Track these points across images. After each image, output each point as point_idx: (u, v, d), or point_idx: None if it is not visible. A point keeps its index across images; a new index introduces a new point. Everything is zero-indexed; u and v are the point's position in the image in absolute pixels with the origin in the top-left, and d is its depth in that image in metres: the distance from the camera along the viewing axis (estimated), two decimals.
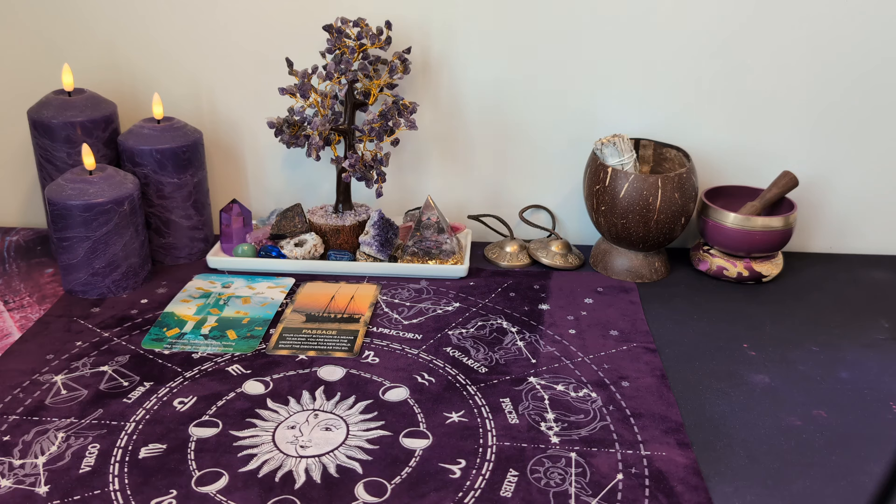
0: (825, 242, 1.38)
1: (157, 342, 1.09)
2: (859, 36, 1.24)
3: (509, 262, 1.31)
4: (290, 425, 0.93)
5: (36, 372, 1.02)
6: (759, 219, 1.22)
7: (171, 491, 0.83)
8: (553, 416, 0.95)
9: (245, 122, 1.37)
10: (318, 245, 1.27)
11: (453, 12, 1.28)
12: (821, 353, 1.09)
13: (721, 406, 0.98)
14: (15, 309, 1.18)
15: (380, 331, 1.13)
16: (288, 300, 1.20)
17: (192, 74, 1.35)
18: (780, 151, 1.32)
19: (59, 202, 1.14)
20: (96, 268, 1.17)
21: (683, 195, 1.21)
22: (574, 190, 1.38)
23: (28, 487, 0.84)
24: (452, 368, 1.04)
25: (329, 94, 1.25)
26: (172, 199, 1.26)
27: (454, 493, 0.83)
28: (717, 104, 1.30)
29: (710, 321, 1.17)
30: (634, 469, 0.87)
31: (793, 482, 0.86)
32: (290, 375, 1.02)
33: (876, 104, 1.28)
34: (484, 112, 1.34)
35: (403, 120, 1.25)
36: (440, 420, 0.94)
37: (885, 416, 0.97)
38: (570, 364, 1.05)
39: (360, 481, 0.85)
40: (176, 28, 1.32)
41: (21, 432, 0.92)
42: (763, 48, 1.26)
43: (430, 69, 1.32)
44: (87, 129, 1.24)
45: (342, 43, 1.23)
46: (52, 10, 1.31)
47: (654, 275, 1.28)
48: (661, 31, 1.27)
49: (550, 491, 0.84)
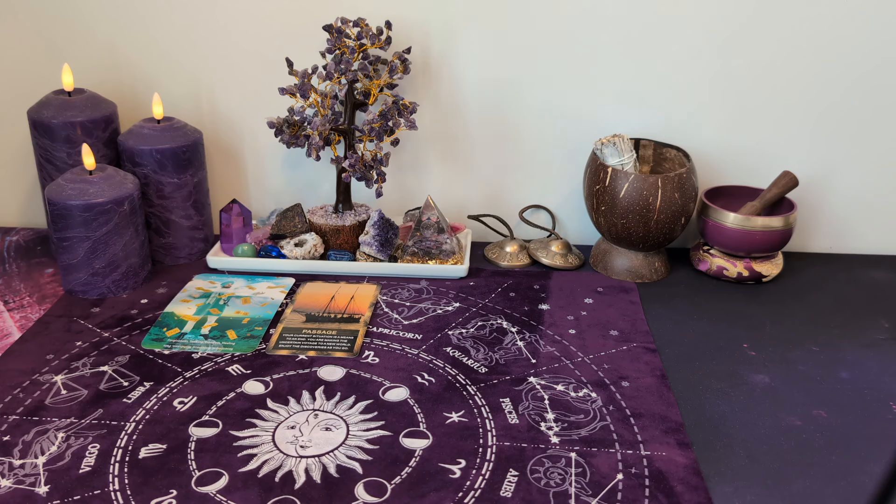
0: (825, 242, 1.38)
1: (157, 342, 1.09)
2: (859, 36, 1.24)
3: (509, 262, 1.31)
4: (290, 425, 0.93)
5: (36, 372, 1.02)
6: (759, 219, 1.22)
7: (171, 491, 0.83)
8: (553, 416, 0.95)
9: (245, 122, 1.37)
10: (318, 245, 1.27)
11: (453, 12, 1.28)
12: (821, 353, 1.09)
13: (721, 406, 0.98)
14: (15, 309, 1.18)
15: (380, 331, 1.13)
16: (288, 300, 1.20)
17: (192, 74, 1.35)
18: (780, 151, 1.32)
19: (59, 202, 1.14)
20: (96, 268, 1.17)
21: (683, 195, 1.21)
22: (574, 190, 1.38)
23: (28, 487, 0.84)
24: (452, 368, 1.04)
25: (329, 94, 1.25)
26: (172, 199, 1.26)
27: (454, 493, 0.83)
28: (717, 104, 1.30)
29: (710, 321, 1.17)
30: (634, 469, 0.87)
31: (793, 482, 0.86)
32: (290, 375, 1.02)
33: (876, 104, 1.28)
34: (484, 112, 1.34)
35: (403, 120, 1.25)
36: (440, 420, 0.94)
37: (885, 416, 0.97)
38: (570, 364, 1.05)
39: (360, 481, 0.85)
40: (176, 28, 1.32)
41: (21, 432, 0.92)
42: (763, 48, 1.26)
43: (430, 69, 1.32)
44: (87, 129, 1.24)
45: (342, 43, 1.23)
46: (52, 10, 1.31)
47: (654, 275, 1.28)
48: (661, 32, 1.27)
49: (550, 491, 0.84)
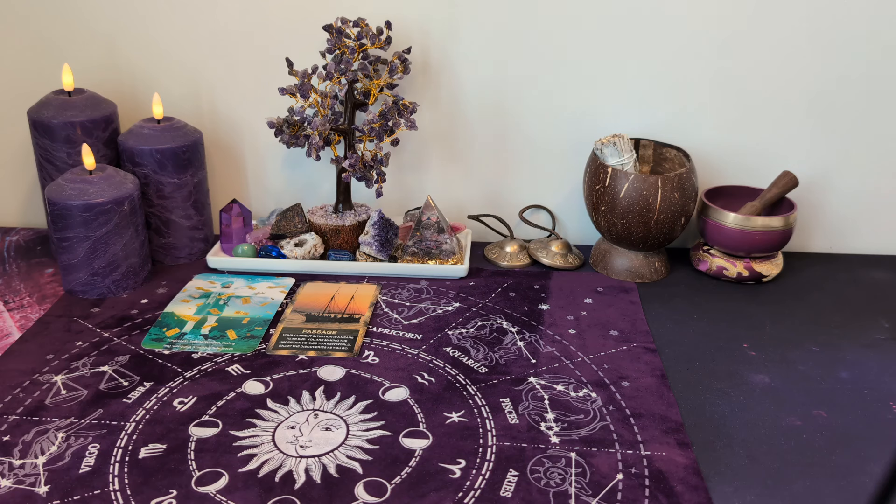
0: (825, 242, 1.38)
1: (157, 342, 1.09)
2: (859, 36, 1.24)
3: (509, 262, 1.31)
4: (290, 425, 0.93)
5: (36, 372, 1.02)
6: (759, 219, 1.22)
7: (171, 491, 0.83)
8: (553, 416, 0.95)
9: (245, 122, 1.37)
10: (318, 245, 1.27)
11: (453, 12, 1.28)
12: (821, 353, 1.09)
13: (721, 406, 0.98)
14: (15, 309, 1.18)
15: (380, 331, 1.13)
16: (288, 300, 1.20)
17: (192, 74, 1.35)
18: (780, 151, 1.32)
19: (59, 202, 1.14)
20: (96, 268, 1.17)
21: (683, 195, 1.21)
22: (574, 190, 1.38)
23: (28, 487, 0.84)
24: (452, 368, 1.04)
25: (329, 94, 1.25)
26: (172, 199, 1.26)
27: (454, 493, 0.83)
28: (717, 104, 1.30)
29: (710, 321, 1.17)
30: (634, 469, 0.87)
31: (793, 482, 0.86)
32: (290, 375, 1.02)
33: (876, 104, 1.28)
34: (484, 112, 1.34)
35: (403, 120, 1.25)
36: (440, 420, 0.94)
37: (885, 416, 0.97)
38: (570, 364, 1.05)
39: (360, 481, 0.85)
40: (176, 28, 1.32)
41: (21, 432, 0.92)
42: (763, 48, 1.26)
43: (430, 69, 1.32)
44: (87, 129, 1.24)
45: (342, 43, 1.23)
46: (52, 10, 1.31)
47: (654, 275, 1.28)
48: (661, 32, 1.27)
49: (550, 491, 0.84)
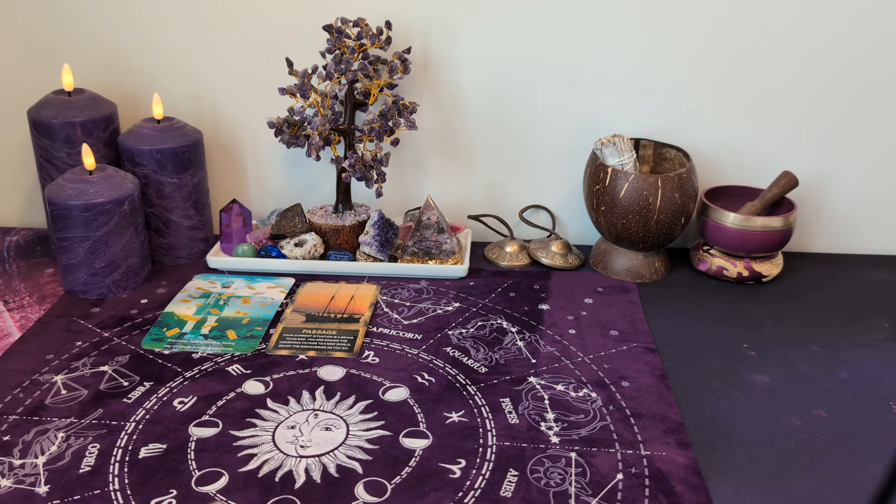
0: (825, 242, 1.38)
1: (157, 342, 1.09)
2: (859, 36, 1.24)
3: (509, 262, 1.31)
4: (290, 425, 0.93)
5: (36, 372, 1.02)
6: (759, 219, 1.22)
7: (171, 491, 0.83)
8: (553, 416, 0.95)
9: (245, 122, 1.37)
10: (318, 245, 1.27)
11: (453, 12, 1.28)
12: (821, 353, 1.09)
13: (721, 406, 0.98)
14: (15, 309, 1.18)
15: (380, 331, 1.13)
16: (288, 300, 1.20)
17: (192, 74, 1.35)
18: (780, 151, 1.32)
19: (59, 202, 1.14)
20: (96, 268, 1.17)
21: (683, 195, 1.21)
22: (574, 190, 1.38)
23: (28, 487, 0.84)
24: (452, 368, 1.04)
25: (329, 94, 1.25)
26: (172, 199, 1.26)
27: (454, 493, 0.83)
28: (717, 104, 1.30)
29: (710, 321, 1.17)
30: (634, 469, 0.87)
31: (793, 482, 0.86)
32: (290, 375, 1.02)
33: (876, 104, 1.28)
34: (484, 112, 1.34)
35: (403, 120, 1.25)
36: (440, 420, 0.94)
37: (885, 416, 0.97)
38: (570, 364, 1.05)
39: (360, 481, 0.85)
40: (176, 28, 1.32)
41: (21, 432, 0.92)
42: (763, 48, 1.26)
43: (430, 69, 1.32)
44: (87, 129, 1.24)
45: (342, 43, 1.23)
46: (52, 10, 1.31)
47: (654, 275, 1.28)
48: (661, 32, 1.27)
49: (550, 491, 0.84)
